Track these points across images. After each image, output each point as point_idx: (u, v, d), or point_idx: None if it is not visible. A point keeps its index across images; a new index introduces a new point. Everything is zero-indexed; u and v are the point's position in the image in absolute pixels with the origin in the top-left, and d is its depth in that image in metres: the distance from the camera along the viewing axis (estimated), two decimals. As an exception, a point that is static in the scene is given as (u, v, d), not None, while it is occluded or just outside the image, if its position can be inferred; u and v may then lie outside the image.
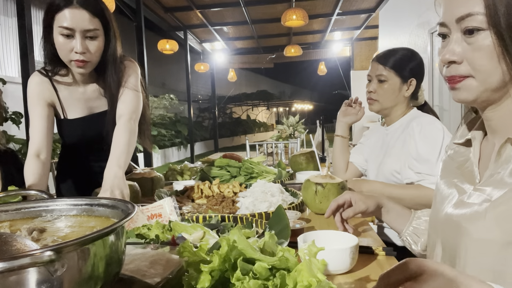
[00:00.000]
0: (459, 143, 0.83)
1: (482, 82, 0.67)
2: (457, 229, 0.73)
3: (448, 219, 0.76)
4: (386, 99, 1.59)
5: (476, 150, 0.78)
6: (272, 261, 0.57)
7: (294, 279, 0.55)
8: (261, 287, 0.55)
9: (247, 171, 1.89)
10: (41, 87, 1.44)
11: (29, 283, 0.42)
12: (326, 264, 0.58)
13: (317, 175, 1.37)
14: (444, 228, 0.78)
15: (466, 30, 0.66)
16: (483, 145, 0.78)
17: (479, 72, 0.67)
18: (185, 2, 6.68)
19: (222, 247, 0.58)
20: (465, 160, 0.80)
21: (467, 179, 0.77)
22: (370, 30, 9.10)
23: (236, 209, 1.34)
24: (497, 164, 0.70)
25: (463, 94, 0.70)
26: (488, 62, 0.65)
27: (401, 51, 1.60)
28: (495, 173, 0.69)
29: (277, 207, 1.00)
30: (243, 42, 10.31)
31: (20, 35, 3.72)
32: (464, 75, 0.68)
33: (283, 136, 4.38)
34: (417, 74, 1.58)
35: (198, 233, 0.89)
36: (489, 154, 0.74)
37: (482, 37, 0.65)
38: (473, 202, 0.71)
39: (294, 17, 5.54)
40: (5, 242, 0.49)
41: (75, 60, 1.35)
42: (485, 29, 0.64)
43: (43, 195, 0.97)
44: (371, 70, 1.63)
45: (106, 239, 0.51)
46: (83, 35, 1.33)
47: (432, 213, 0.87)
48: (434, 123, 1.47)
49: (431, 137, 1.44)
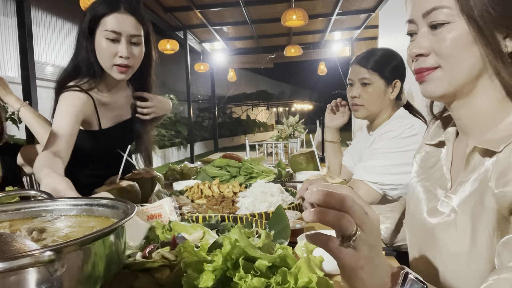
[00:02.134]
0: (431, 144, 0.82)
1: (449, 72, 0.67)
2: (432, 238, 0.72)
3: (424, 226, 0.75)
4: (371, 104, 1.53)
5: (449, 153, 0.76)
6: (272, 259, 0.57)
7: (295, 276, 0.56)
8: (264, 284, 0.55)
9: (247, 171, 1.89)
10: (82, 106, 1.37)
11: (29, 283, 0.42)
12: (323, 260, 0.59)
13: (317, 175, 1.37)
14: (421, 235, 0.77)
15: (432, 25, 0.67)
16: (455, 146, 0.76)
17: (445, 61, 0.67)
18: (185, 2, 6.67)
19: (224, 246, 0.58)
20: (437, 161, 0.79)
21: (439, 184, 0.75)
22: (370, 30, 9.09)
23: (236, 209, 1.34)
24: (466, 172, 0.68)
25: (430, 87, 0.70)
26: (454, 51, 0.66)
27: (380, 51, 1.56)
28: (465, 180, 0.68)
29: (277, 207, 1.00)
30: (243, 42, 10.30)
31: (19, 35, 3.72)
32: (431, 66, 0.69)
33: (283, 136, 4.38)
34: (399, 74, 1.54)
35: (198, 233, 0.89)
36: (462, 156, 0.72)
37: (448, 29, 0.65)
38: (443, 211, 0.70)
39: (294, 17, 5.54)
40: (5, 242, 0.49)
41: (118, 64, 1.37)
42: (451, 22, 0.65)
43: (43, 195, 0.97)
44: (351, 73, 1.57)
45: (105, 239, 0.51)
46: (128, 40, 1.37)
47: (407, 217, 0.86)
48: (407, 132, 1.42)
49: (395, 146, 1.40)
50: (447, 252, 0.68)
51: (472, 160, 0.68)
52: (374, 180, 1.37)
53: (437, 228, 0.71)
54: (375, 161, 1.41)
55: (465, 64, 0.66)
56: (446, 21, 0.65)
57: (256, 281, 0.55)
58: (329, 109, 1.84)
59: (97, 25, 1.36)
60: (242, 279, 0.56)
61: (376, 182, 1.37)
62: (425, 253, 0.75)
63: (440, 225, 0.70)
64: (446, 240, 0.68)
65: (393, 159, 1.38)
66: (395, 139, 1.41)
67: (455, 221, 0.67)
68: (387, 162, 1.38)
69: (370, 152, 1.46)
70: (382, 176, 1.37)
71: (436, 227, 0.71)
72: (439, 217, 0.70)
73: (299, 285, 0.55)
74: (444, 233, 0.69)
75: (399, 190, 1.38)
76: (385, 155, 1.40)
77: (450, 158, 0.76)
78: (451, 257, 0.68)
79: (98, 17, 1.35)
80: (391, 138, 1.42)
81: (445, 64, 0.68)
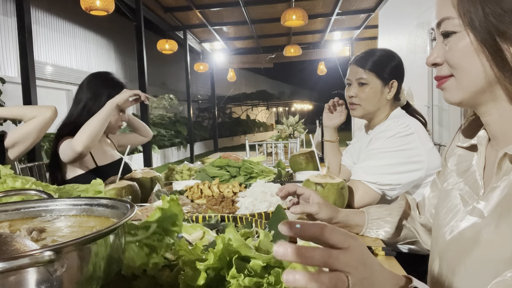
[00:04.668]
0: (463, 146, 0.80)
1: (462, 80, 0.68)
2: (458, 245, 0.71)
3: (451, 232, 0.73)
4: (368, 103, 1.54)
5: (482, 157, 0.74)
6: (266, 259, 0.57)
7: (288, 276, 0.55)
8: (256, 284, 0.55)
9: (247, 171, 1.89)
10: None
11: (29, 283, 0.42)
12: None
13: (317, 175, 1.37)
14: (445, 242, 0.75)
15: (443, 34, 0.69)
16: (488, 150, 0.75)
17: (457, 70, 0.68)
18: (185, 2, 6.67)
19: (217, 245, 0.58)
20: (469, 166, 0.77)
21: (472, 189, 0.73)
22: (370, 30, 9.09)
23: (235, 209, 1.34)
24: (498, 177, 0.67)
25: (448, 94, 0.72)
26: (462, 61, 0.67)
27: (379, 52, 1.56)
28: (496, 186, 0.66)
29: (276, 207, 1.00)
30: (242, 42, 10.30)
31: (19, 35, 3.72)
32: (446, 75, 0.71)
33: (282, 136, 4.38)
34: (397, 75, 1.54)
35: (197, 233, 0.89)
36: (494, 161, 0.70)
37: (455, 38, 0.67)
38: (473, 218, 0.69)
39: (294, 17, 5.53)
40: (4, 242, 0.49)
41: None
42: (458, 32, 0.66)
43: (43, 195, 0.97)
44: (350, 73, 1.59)
45: (105, 239, 0.51)
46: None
47: (434, 223, 0.84)
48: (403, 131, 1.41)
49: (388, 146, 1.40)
50: (474, 259, 0.66)
51: (504, 166, 0.66)
52: (372, 180, 1.37)
53: (464, 235, 0.69)
54: (373, 161, 1.41)
55: (473, 73, 0.66)
56: (453, 31, 0.67)
57: (248, 280, 0.55)
58: (326, 108, 1.86)
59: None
60: (234, 278, 0.56)
61: (374, 182, 1.37)
62: (449, 259, 0.73)
63: (468, 231, 0.69)
64: (472, 246, 0.67)
65: (391, 158, 1.38)
66: (391, 138, 1.41)
67: (483, 228, 0.65)
68: (385, 162, 1.38)
69: (368, 153, 1.46)
70: (380, 176, 1.37)
71: (464, 233, 0.70)
72: (468, 223, 0.69)
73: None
74: (471, 239, 0.67)
75: (397, 191, 1.37)
76: (382, 155, 1.40)
77: (482, 163, 0.74)
78: (477, 264, 0.66)
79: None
80: (387, 137, 1.42)
81: (456, 73, 0.69)
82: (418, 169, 1.39)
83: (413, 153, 1.39)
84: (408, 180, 1.38)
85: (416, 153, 1.39)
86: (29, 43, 3.70)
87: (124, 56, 11.98)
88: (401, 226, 1.08)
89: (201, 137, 14.78)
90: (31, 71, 3.74)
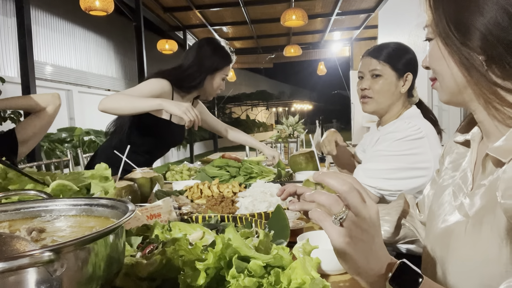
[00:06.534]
0: (459, 142, 0.81)
1: (441, 82, 0.73)
2: (444, 240, 0.72)
3: (438, 228, 0.75)
4: (381, 96, 1.47)
5: (473, 153, 0.75)
6: (266, 259, 0.57)
7: (288, 276, 0.55)
8: (256, 284, 0.55)
9: (247, 171, 1.89)
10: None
11: (29, 283, 0.42)
12: (320, 262, 0.58)
13: (316, 175, 1.37)
14: (436, 236, 0.77)
15: (427, 39, 0.75)
16: (480, 147, 0.76)
17: (436, 74, 0.74)
18: (185, 2, 6.68)
19: (217, 244, 0.58)
20: (462, 162, 0.79)
21: (463, 183, 0.75)
22: (370, 30, 9.10)
23: (235, 209, 1.34)
24: (484, 175, 0.68)
25: (438, 94, 0.76)
26: (435, 65, 0.72)
27: (393, 44, 1.50)
28: (482, 184, 0.67)
29: (276, 207, 1.00)
30: (242, 42, 10.30)
31: (19, 35, 3.71)
32: (433, 77, 0.76)
33: (282, 136, 4.39)
34: (412, 68, 1.48)
35: (197, 233, 0.90)
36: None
37: (432, 44, 0.73)
38: (459, 215, 0.70)
39: (294, 17, 5.53)
40: (4, 242, 0.49)
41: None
42: (433, 38, 0.72)
43: (42, 195, 0.97)
44: (362, 66, 1.52)
45: (105, 239, 0.51)
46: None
47: (429, 216, 0.86)
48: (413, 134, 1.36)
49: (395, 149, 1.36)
50: (457, 255, 0.68)
51: (488, 165, 0.67)
52: (372, 184, 1.35)
53: (450, 231, 0.70)
54: (375, 163, 1.38)
55: (446, 77, 0.71)
56: (431, 37, 0.73)
57: (248, 280, 0.55)
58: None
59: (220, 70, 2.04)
60: (234, 278, 0.56)
61: (374, 187, 1.34)
62: (438, 254, 0.75)
63: (453, 228, 0.70)
64: (456, 243, 0.68)
65: (394, 162, 1.35)
66: (399, 141, 1.36)
67: (466, 226, 0.66)
68: (387, 166, 1.35)
69: (372, 153, 1.44)
70: (381, 181, 1.34)
71: (450, 229, 0.71)
72: (455, 219, 0.70)
73: (292, 286, 0.54)
74: (455, 237, 0.68)
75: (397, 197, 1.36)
76: (385, 158, 1.37)
77: (474, 159, 0.75)
78: (460, 261, 0.67)
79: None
80: (395, 140, 1.37)
81: (436, 76, 0.74)
82: (422, 176, 1.34)
83: (419, 159, 1.34)
84: (409, 187, 1.33)
85: (422, 158, 1.34)
86: (29, 43, 3.70)
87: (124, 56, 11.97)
88: (400, 225, 1.08)
89: (200, 137, 14.77)
90: (31, 71, 3.74)
